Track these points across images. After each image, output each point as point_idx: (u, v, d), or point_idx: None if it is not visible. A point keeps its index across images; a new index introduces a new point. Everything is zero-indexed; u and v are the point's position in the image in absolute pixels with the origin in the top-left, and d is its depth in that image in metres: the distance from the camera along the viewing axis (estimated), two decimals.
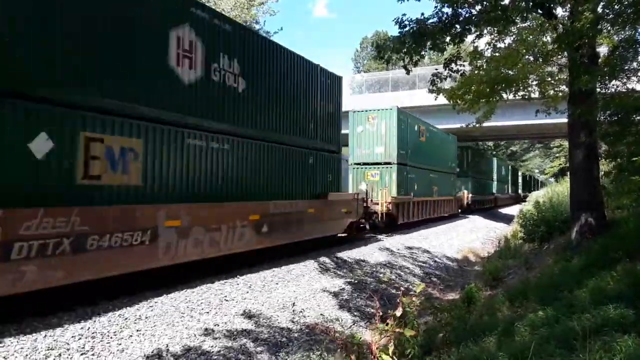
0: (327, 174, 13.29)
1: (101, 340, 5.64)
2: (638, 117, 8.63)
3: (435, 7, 9.38)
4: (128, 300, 7.04)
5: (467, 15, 9.39)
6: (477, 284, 9.88)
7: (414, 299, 5.76)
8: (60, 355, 5.17)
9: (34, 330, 5.60)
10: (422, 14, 9.32)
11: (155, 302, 7.04)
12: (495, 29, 10.13)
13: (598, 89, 9.51)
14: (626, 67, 8.87)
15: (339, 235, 14.55)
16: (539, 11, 9.80)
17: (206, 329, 6.47)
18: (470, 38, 10.21)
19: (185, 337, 6.14)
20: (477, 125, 12.96)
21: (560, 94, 11.91)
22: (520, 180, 64.54)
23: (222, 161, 9.11)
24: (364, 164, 18.71)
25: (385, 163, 18.30)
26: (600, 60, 9.61)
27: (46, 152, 6.05)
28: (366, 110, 19.08)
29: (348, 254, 12.79)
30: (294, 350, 6.52)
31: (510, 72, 10.70)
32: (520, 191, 62.21)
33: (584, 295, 5.72)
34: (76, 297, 6.67)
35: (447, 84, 11.67)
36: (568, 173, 14.04)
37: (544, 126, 28.58)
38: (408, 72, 9.72)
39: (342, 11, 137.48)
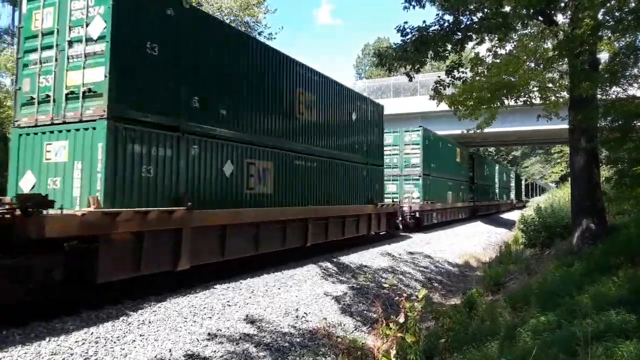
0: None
1: (104, 345, 5.66)
2: (639, 124, 8.67)
3: (437, 14, 9.47)
4: (132, 304, 7.06)
5: (468, 22, 9.47)
6: (478, 289, 9.89)
7: (415, 304, 5.78)
8: None
9: (38, 335, 5.63)
10: (424, 21, 9.41)
11: (159, 307, 7.07)
12: (496, 35, 10.20)
13: (599, 95, 9.57)
14: (627, 74, 8.92)
15: None
16: (540, 18, 9.88)
17: (209, 334, 6.49)
18: (471, 45, 10.29)
19: (189, 342, 6.16)
20: (479, 131, 13.02)
21: (561, 100, 11.98)
22: (513, 183, 54.15)
23: None
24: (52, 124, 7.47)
25: (82, 122, 7.17)
26: (600, 66, 9.67)
27: None
28: None
29: (350, 259, 12.80)
30: (296, 355, 6.53)
31: (511, 78, 10.78)
32: (513, 197, 52.79)
33: (586, 300, 5.74)
34: (81, 301, 6.69)
35: (449, 91, 11.74)
36: (569, 179, 14.08)
37: (545, 132, 28.64)
38: (410, 79, 9.80)
39: (345, 18, 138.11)
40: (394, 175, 21.30)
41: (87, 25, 7.25)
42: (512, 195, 53.08)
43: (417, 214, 20.72)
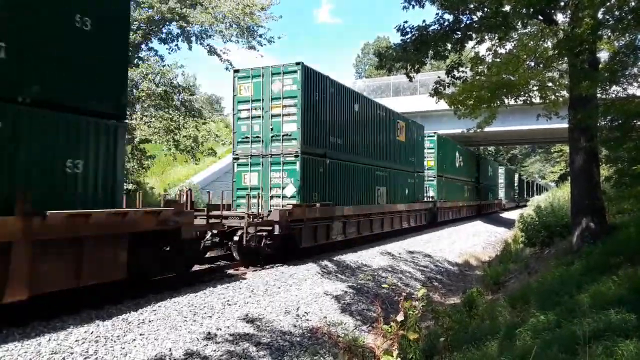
0: None
1: (105, 344, 5.66)
2: (638, 123, 8.67)
3: (437, 14, 9.47)
4: (132, 303, 7.07)
5: (468, 21, 9.46)
6: (478, 288, 9.90)
7: (415, 303, 5.78)
8: (63, 359, 5.20)
9: (38, 334, 5.64)
10: (424, 20, 9.40)
11: (159, 306, 7.07)
12: (496, 35, 10.20)
13: (599, 95, 9.57)
14: (627, 73, 8.91)
15: None
16: (540, 17, 9.87)
17: (209, 333, 6.50)
18: (471, 44, 10.30)
19: (188, 341, 6.17)
20: (479, 130, 13.01)
21: (561, 99, 11.96)
22: (503, 180, 46.44)
23: None
24: None
25: None
26: (600, 65, 9.66)
27: None
28: None
29: (350, 258, 12.81)
30: (296, 354, 6.54)
31: (511, 77, 10.76)
32: (502, 197, 45.53)
33: (586, 299, 5.74)
34: (81, 301, 6.70)
35: (449, 90, 11.74)
36: (569, 178, 14.09)
37: (545, 131, 28.67)
38: (410, 79, 9.80)
39: (345, 17, 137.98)
40: (255, 156, 12.44)
41: None
42: (502, 195, 45.86)
43: (278, 229, 10.69)
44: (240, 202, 11.86)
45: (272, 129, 12.26)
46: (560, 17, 10.38)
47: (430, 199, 23.12)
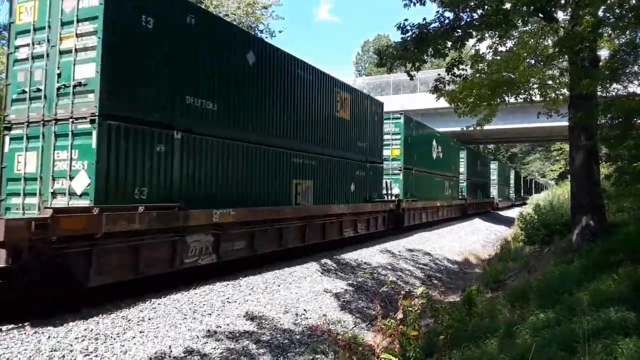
0: None
1: (104, 342, 5.66)
2: (639, 121, 8.66)
3: (437, 12, 9.47)
4: (131, 301, 7.06)
5: (468, 19, 9.45)
6: (478, 286, 9.91)
7: (414, 301, 5.78)
8: (63, 356, 5.19)
9: (37, 331, 5.63)
10: (424, 18, 9.41)
11: (159, 304, 7.07)
12: (497, 32, 10.18)
13: (599, 93, 9.55)
14: (627, 71, 8.89)
15: None
16: (540, 15, 9.86)
17: (209, 331, 6.50)
18: (471, 42, 10.28)
19: (188, 338, 6.17)
20: (478, 128, 13.00)
21: (562, 97, 11.94)
22: (495, 176, 42.62)
23: None
24: None
25: None
26: (601, 63, 9.64)
27: None
28: None
29: (350, 256, 12.81)
30: (296, 352, 6.55)
31: (511, 75, 10.74)
32: (495, 195, 41.71)
33: (585, 298, 5.74)
34: (80, 299, 6.70)
35: (449, 87, 11.72)
36: (569, 176, 14.08)
37: (545, 129, 28.65)
38: (411, 78, 9.78)
39: (344, 15, 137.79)
40: (34, 123, 7.36)
41: None
42: (494, 193, 42.13)
43: (5, 258, 5.48)
44: (13, 203, 7.41)
45: (59, 76, 7.18)
46: (560, 15, 10.37)
47: (394, 198, 18.00)
